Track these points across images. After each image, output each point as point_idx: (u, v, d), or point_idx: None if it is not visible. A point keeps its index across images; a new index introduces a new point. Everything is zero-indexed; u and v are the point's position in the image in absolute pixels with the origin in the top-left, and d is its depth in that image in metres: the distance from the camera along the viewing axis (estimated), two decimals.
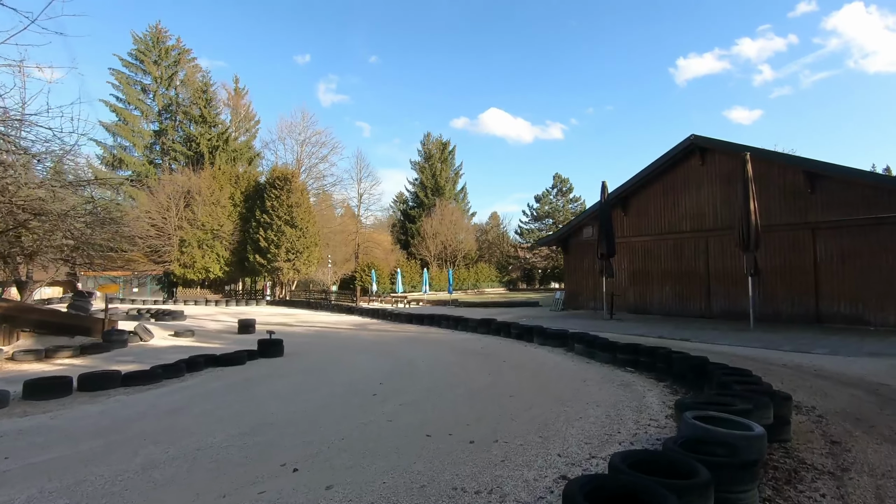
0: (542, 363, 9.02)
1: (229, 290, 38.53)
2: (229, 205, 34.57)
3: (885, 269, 13.02)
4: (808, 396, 6.13)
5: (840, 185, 13.92)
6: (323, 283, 34.58)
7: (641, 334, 13.07)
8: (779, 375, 7.44)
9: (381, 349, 11.40)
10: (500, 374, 8.01)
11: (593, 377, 7.54)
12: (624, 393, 6.39)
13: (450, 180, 53.57)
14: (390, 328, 16.39)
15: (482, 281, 44.65)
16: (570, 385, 6.95)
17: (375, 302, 30.38)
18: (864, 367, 7.97)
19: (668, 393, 6.42)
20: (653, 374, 7.69)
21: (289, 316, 22.18)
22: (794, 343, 10.78)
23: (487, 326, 13.98)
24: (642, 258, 19.06)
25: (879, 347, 10.00)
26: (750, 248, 13.21)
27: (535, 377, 7.63)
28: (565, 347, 10.77)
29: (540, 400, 6.02)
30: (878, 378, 7.14)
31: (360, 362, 9.69)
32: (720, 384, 5.12)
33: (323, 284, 34.57)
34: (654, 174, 18.54)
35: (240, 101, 42.83)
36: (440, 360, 9.73)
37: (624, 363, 8.47)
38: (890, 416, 5.22)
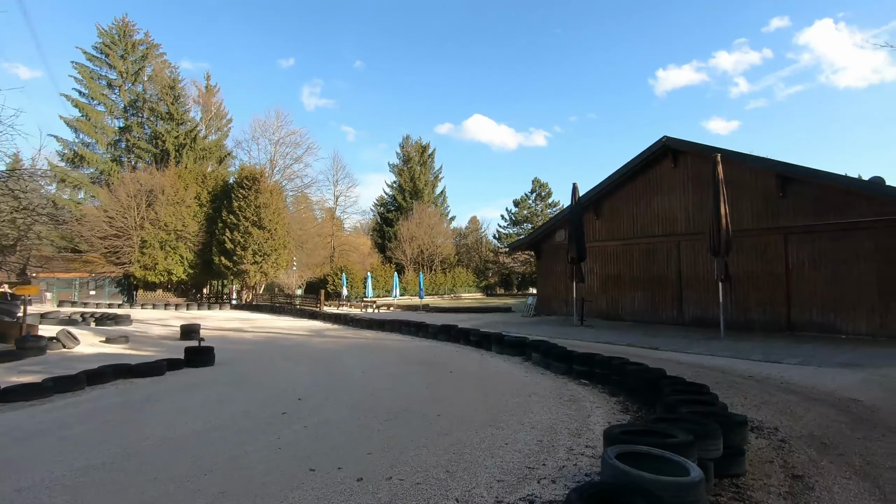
0: (490, 374, 8.22)
1: (196, 294, 37.03)
2: (195, 205, 33.17)
3: (857, 275, 12.59)
4: (772, 415, 5.43)
5: (812, 189, 13.49)
6: (288, 286, 33.34)
7: (610, 342, 12.42)
8: (744, 390, 6.76)
9: (326, 357, 10.49)
10: (438, 387, 7.18)
11: (541, 391, 6.76)
12: (568, 411, 5.61)
13: (429, 184, 52.76)
14: (348, 334, 15.45)
15: (459, 286, 43.80)
16: (512, 401, 6.15)
17: (345, 306, 29.33)
18: (835, 380, 7.35)
19: (617, 411, 5.66)
20: (607, 388, 6.95)
21: (246, 321, 21.04)
22: (765, 352, 10.20)
23: (447, 333, 13.15)
24: (614, 263, 18.48)
25: (852, 357, 9.45)
26: (720, 253, 12.65)
27: (476, 391, 6.83)
28: (523, 356, 10.00)
29: (469, 421, 5.21)
30: (850, 393, 6.51)
31: (294, 373, 8.76)
32: (668, 405, 4.37)
33: (287, 288, 33.33)
34: (626, 176, 18.00)
35: (211, 99, 41.44)
36: (382, 370, 8.87)
37: (579, 375, 7.72)
38: (861, 440, 4.53)
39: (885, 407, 5.79)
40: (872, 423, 5.09)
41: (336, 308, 29.06)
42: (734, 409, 5.77)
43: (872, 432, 4.79)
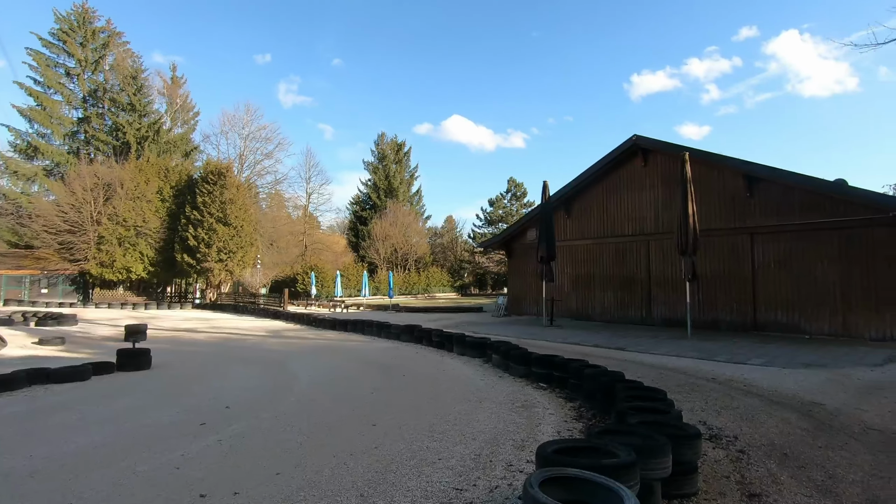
0: (445, 378, 7.73)
1: (160, 293, 35.54)
2: (157, 200, 31.72)
3: (820, 276, 12.59)
4: (732, 421, 5.10)
5: (778, 189, 13.46)
6: (251, 285, 32.25)
7: (577, 342, 12.12)
8: (706, 393, 6.45)
9: (276, 360, 9.84)
10: (384, 392, 6.66)
11: (495, 395, 6.31)
12: (518, 419, 5.17)
13: (404, 182, 52.06)
14: (308, 335, 14.77)
15: (433, 286, 43.25)
16: (460, 407, 5.67)
17: (314, 306, 28.48)
18: (798, 382, 7.12)
19: (571, 418, 5.25)
20: (565, 392, 6.55)
21: (204, 321, 20.08)
22: (731, 353, 10.03)
23: (410, 334, 12.63)
24: (585, 262, 18.26)
25: (815, 358, 9.33)
26: (688, 253, 12.49)
27: (424, 397, 6.33)
28: (483, 358, 9.57)
29: (406, 431, 4.71)
30: (812, 395, 6.26)
31: (235, 377, 8.11)
32: (619, 413, 3.96)
33: (251, 287, 32.24)
34: (597, 175, 17.80)
35: (177, 91, 39.83)
36: (331, 374, 8.29)
37: (538, 377, 7.31)
38: (822, 449, 4.21)
39: (846, 411, 5.53)
40: (834, 430, 4.80)
41: (304, 308, 28.19)
42: (694, 413, 5.44)
43: (834, 440, 4.48)
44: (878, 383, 7.04)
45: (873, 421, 5.13)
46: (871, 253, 11.82)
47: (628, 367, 8.56)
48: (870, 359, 9.09)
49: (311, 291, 29.64)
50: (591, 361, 9.07)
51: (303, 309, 27.25)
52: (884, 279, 11.63)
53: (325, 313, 23.06)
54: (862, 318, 11.86)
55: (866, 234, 11.92)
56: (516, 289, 20.77)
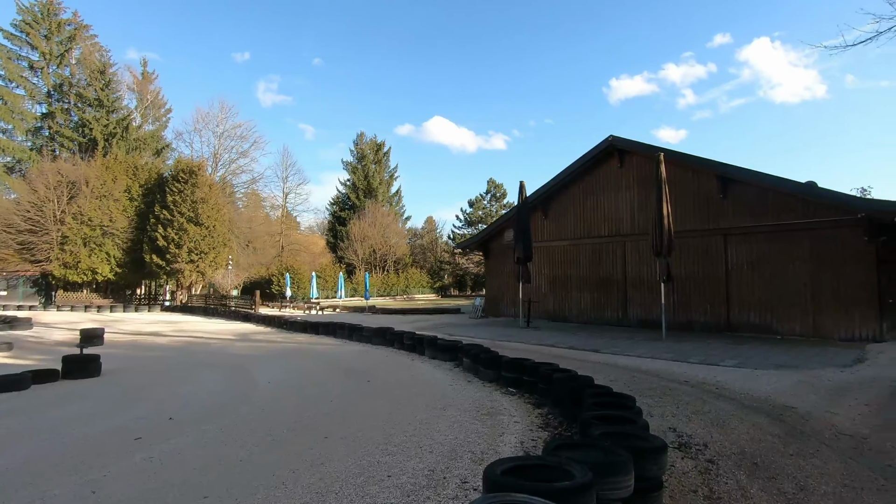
0: (411, 383, 7.42)
1: (130, 295, 34.31)
2: (125, 199, 30.56)
3: (792, 277, 12.67)
4: (703, 427, 4.91)
5: (751, 191, 13.52)
6: (222, 287, 31.38)
7: (553, 344, 11.95)
8: (677, 397, 6.28)
9: (238, 365, 9.37)
10: (345, 400, 6.31)
11: (461, 402, 6.02)
12: (481, 428, 4.88)
13: (384, 182, 51.51)
14: (277, 338, 14.27)
15: (413, 287, 42.82)
16: (423, 416, 5.37)
17: (288, 308, 27.81)
18: (770, 384, 7.02)
19: (537, 426, 4.99)
20: (534, 398, 6.31)
21: (170, 324, 19.33)
22: (704, 354, 9.96)
23: (382, 336, 12.27)
24: (562, 263, 18.15)
25: (786, 359, 9.31)
26: (663, 254, 12.43)
27: (386, 404, 6.00)
28: (455, 362, 9.28)
29: (359, 443, 4.38)
30: (784, 398, 6.14)
31: (188, 385, 7.65)
32: (583, 423, 3.71)
33: (222, 289, 31.35)
34: (574, 176, 17.71)
35: (147, 87, 38.57)
36: (294, 380, 7.90)
37: (508, 382, 7.06)
38: (794, 458, 4.03)
39: (817, 414, 5.41)
40: (805, 435, 4.65)
41: (278, 310, 27.51)
42: (665, 419, 5.24)
43: (806, 446, 4.32)
44: (847, 384, 6.98)
45: (844, 425, 5.00)
46: (840, 254, 11.94)
47: (602, 370, 8.39)
48: (839, 359, 9.10)
49: (286, 293, 28.94)
50: (565, 364, 8.89)
51: (277, 311, 26.57)
52: (851, 280, 11.75)
53: (299, 315, 22.49)
54: (831, 318, 11.96)
55: (835, 236, 12.03)
56: (494, 290, 20.57)
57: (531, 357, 9.75)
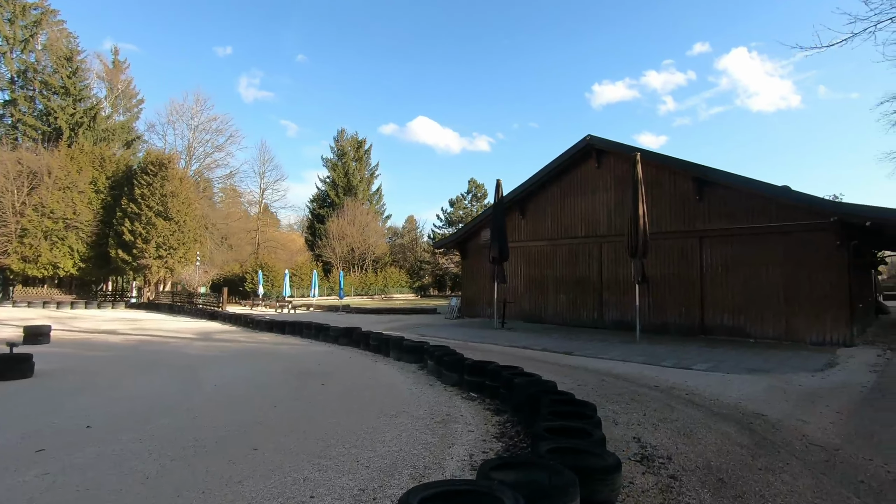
0: (369, 387, 6.97)
1: (95, 291, 32.98)
2: (90, 191, 29.30)
3: (765, 280, 12.60)
4: (669, 437, 4.59)
5: (726, 193, 13.43)
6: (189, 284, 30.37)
7: (526, 346, 11.64)
8: (645, 403, 5.98)
9: (189, 366, 8.79)
10: (290, 405, 5.84)
11: (416, 409, 5.60)
12: (431, 438, 4.47)
13: (364, 180, 50.80)
14: (240, 337, 13.65)
15: (391, 286, 42.23)
16: (371, 424, 4.93)
17: (260, 306, 27.02)
18: (741, 389, 6.79)
19: (492, 436, 4.60)
20: (495, 403, 5.93)
21: (131, 322, 18.47)
22: (677, 357, 9.75)
23: (349, 337, 11.79)
24: (539, 264, 17.89)
25: (758, 362, 9.14)
26: (638, 255, 12.22)
27: (335, 411, 5.55)
28: (420, 364, 8.87)
29: (290, 457, 3.93)
30: (755, 405, 5.89)
31: (128, 387, 7.07)
32: (534, 437, 3.33)
33: (189, 286, 30.34)
34: (551, 175, 17.47)
35: (118, 76, 37.19)
36: (243, 383, 7.37)
37: (470, 386, 6.67)
38: (762, 472, 3.72)
39: (787, 422, 5.15)
40: (776, 447, 4.36)
41: (250, 308, 26.71)
42: (630, 428, 4.92)
43: (775, 459, 4.02)
44: (818, 390, 6.78)
45: (815, 435, 4.74)
46: (813, 258, 11.89)
47: (572, 374, 8.08)
48: (811, 363, 8.97)
49: (259, 291, 28.12)
50: (536, 367, 8.56)
51: (248, 309, 25.77)
52: (823, 284, 11.71)
53: (270, 314, 21.80)
54: (804, 322, 11.91)
55: (808, 239, 11.98)
56: (470, 290, 20.21)
57: (503, 359, 9.43)
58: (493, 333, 14.38)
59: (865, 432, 4.87)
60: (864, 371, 8.33)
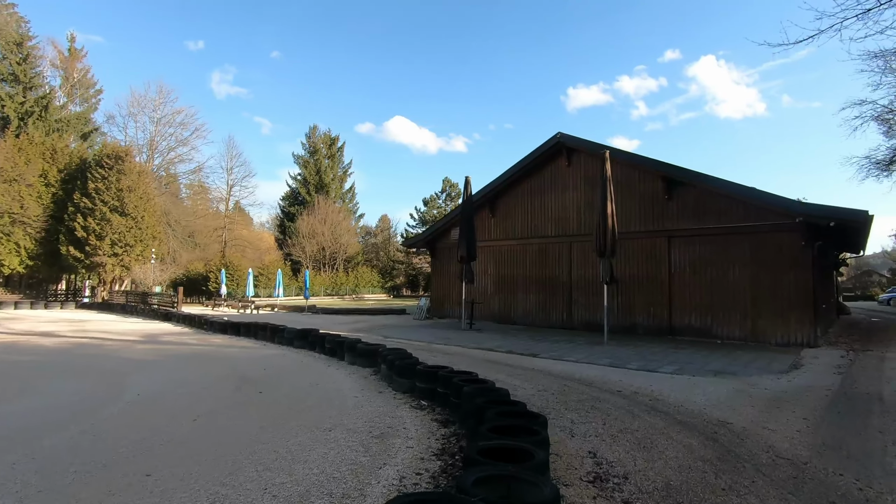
0: (311, 395, 6.38)
1: (48, 291, 31.13)
2: (39, 184, 27.59)
3: (732, 281, 12.49)
4: (627, 451, 4.17)
5: (694, 192, 13.31)
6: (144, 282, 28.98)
7: (491, 348, 11.19)
8: (606, 410, 5.57)
9: (119, 371, 8.01)
10: (216, 418, 5.21)
11: (354, 420, 5.05)
12: (361, 457, 3.93)
13: (337, 178, 49.73)
14: (189, 340, 12.80)
15: (363, 286, 41.37)
16: (296, 440, 4.36)
17: (222, 306, 25.90)
18: (706, 394, 6.47)
19: (431, 454, 4.08)
20: (446, 412, 5.44)
21: (75, 323, 17.30)
22: (644, 360, 9.46)
23: (304, 339, 11.13)
24: (509, 263, 17.51)
25: (724, 364, 8.92)
26: (606, 254, 11.92)
27: (262, 424, 4.95)
28: (374, 368, 8.31)
29: (188, 483, 3.33)
30: (720, 411, 5.55)
31: (40, 395, 6.29)
32: (466, 461, 2.84)
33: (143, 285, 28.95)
34: (522, 173, 17.12)
35: (74, 64, 35.26)
36: (172, 390, 6.68)
37: (422, 393, 6.16)
38: (726, 494, 3.32)
39: (753, 431, 4.81)
40: (741, 461, 3.98)
41: (211, 308, 25.58)
42: (587, 440, 4.48)
43: (740, 477, 3.63)
44: (784, 394, 6.53)
45: (782, 446, 4.39)
46: (778, 258, 11.83)
47: (534, 378, 7.66)
48: (776, 365, 8.79)
49: (221, 291, 26.98)
50: (496, 371, 8.11)
51: (209, 309, 24.65)
52: (788, 284, 11.66)
53: (231, 314, 20.84)
54: (769, 323, 11.83)
55: (774, 239, 11.92)
56: (439, 290, 19.71)
57: (465, 362, 8.96)
58: (459, 335, 13.92)
59: (834, 442, 4.56)
60: (829, 373, 8.17)
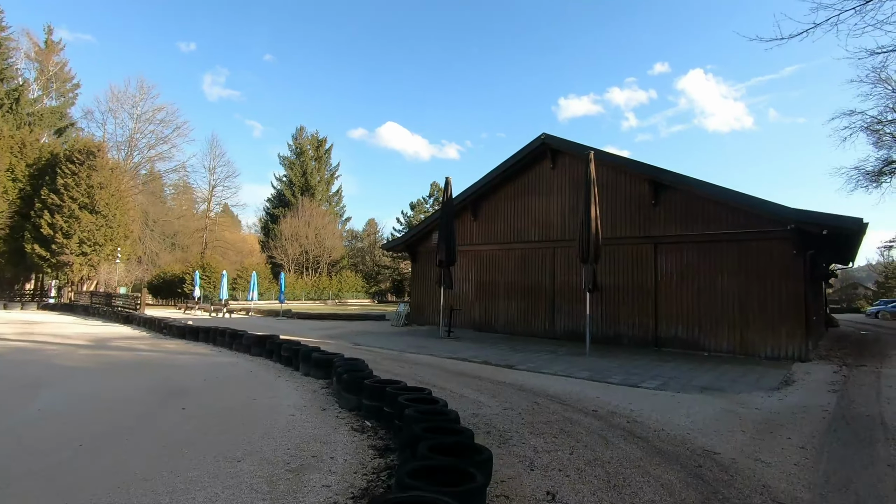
0: (236, 413, 5.56)
1: (12, 290, 29.79)
2: (6, 179, 26.33)
3: (720, 290, 11.87)
4: (594, 492, 3.43)
5: (682, 198, 12.72)
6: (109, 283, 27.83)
7: (465, 358, 10.47)
8: (577, 435, 4.84)
9: (40, 380, 7.14)
10: (108, 440, 4.38)
11: (273, 448, 4.25)
12: (258, 499, 3.14)
13: (323, 181, 48.81)
14: (141, 345, 11.88)
15: (346, 290, 40.37)
16: (192, 473, 3.56)
17: (194, 309, 24.84)
18: (691, 414, 5.78)
19: (350, 495, 3.30)
20: (389, 435, 4.67)
21: (27, 325, 16.25)
22: (626, 372, 8.78)
23: (261, 346, 10.28)
24: (490, 269, 16.79)
25: (711, 379, 8.24)
26: (589, 261, 11.24)
27: (159, 454, 4.13)
28: (328, 380, 7.51)
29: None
30: (706, 437, 4.85)
31: None
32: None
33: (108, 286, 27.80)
34: (506, 176, 16.44)
35: (51, 57, 34.12)
36: (85, 405, 5.84)
37: (369, 411, 5.39)
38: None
39: (743, 464, 4.09)
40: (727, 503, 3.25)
41: (183, 311, 24.53)
42: (548, 475, 3.73)
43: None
44: (777, 415, 5.84)
45: (778, 485, 3.68)
46: (768, 267, 11.24)
47: (503, 393, 6.92)
48: (766, 381, 8.13)
49: (195, 293, 25.91)
50: (464, 384, 7.36)
51: (181, 312, 23.62)
52: (779, 295, 11.06)
53: (201, 318, 19.86)
54: (758, 335, 11.21)
55: (764, 247, 11.33)
56: (419, 296, 18.93)
57: (434, 375, 8.21)
58: (435, 343, 13.17)
59: (838, 479, 3.86)
60: (823, 391, 7.52)
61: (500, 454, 4.17)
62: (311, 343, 10.18)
